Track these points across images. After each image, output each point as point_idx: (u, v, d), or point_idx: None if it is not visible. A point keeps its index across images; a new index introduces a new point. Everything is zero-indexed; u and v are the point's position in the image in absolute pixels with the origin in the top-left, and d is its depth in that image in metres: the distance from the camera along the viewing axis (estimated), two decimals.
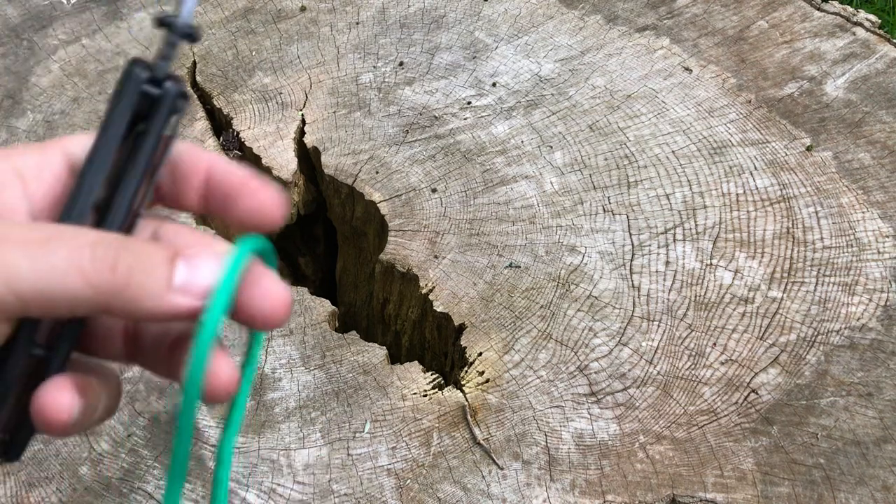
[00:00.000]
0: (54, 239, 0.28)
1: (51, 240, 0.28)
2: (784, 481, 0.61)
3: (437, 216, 0.77)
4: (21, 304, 0.27)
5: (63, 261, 0.27)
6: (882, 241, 0.73)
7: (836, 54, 0.87)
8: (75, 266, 0.27)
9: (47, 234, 0.28)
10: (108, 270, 0.28)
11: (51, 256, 0.27)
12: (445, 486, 0.62)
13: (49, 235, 0.28)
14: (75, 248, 0.28)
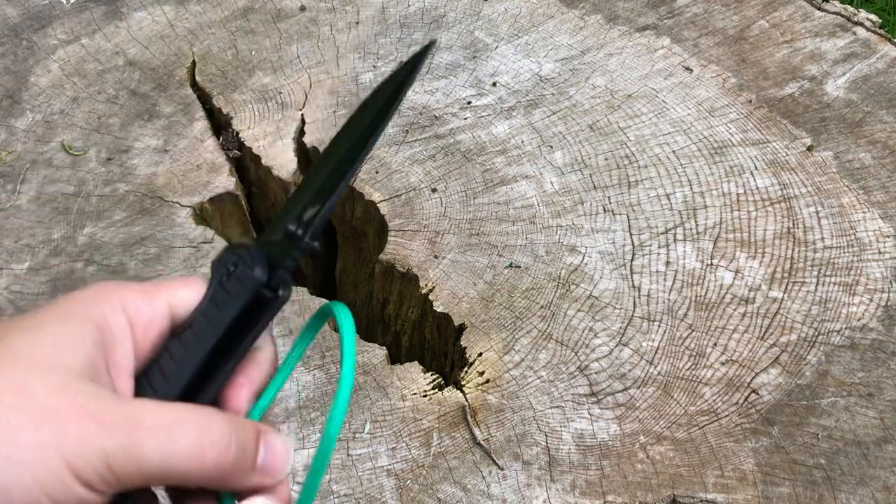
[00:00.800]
0: (178, 427, 0.31)
1: (175, 427, 0.31)
2: (785, 482, 0.61)
3: (437, 216, 0.77)
4: (141, 482, 0.30)
5: (187, 448, 0.31)
6: (883, 241, 0.73)
7: (837, 54, 0.87)
8: (197, 453, 0.31)
9: (170, 420, 0.31)
10: (222, 457, 0.32)
11: (176, 444, 0.31)
12: (445, 487, 0.62)
13: (172, 422, 0.31)
14: (197, 436, 0.31)
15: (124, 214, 0.78)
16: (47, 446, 0.28)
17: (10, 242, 0.77)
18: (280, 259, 0.36)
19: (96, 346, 0.32)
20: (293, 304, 0.72)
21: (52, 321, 0.32)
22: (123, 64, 0.91)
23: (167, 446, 0.30)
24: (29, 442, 0.28)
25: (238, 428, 0.33)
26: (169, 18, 0.95)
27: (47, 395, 0.29)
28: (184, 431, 0.31)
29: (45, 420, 0.29)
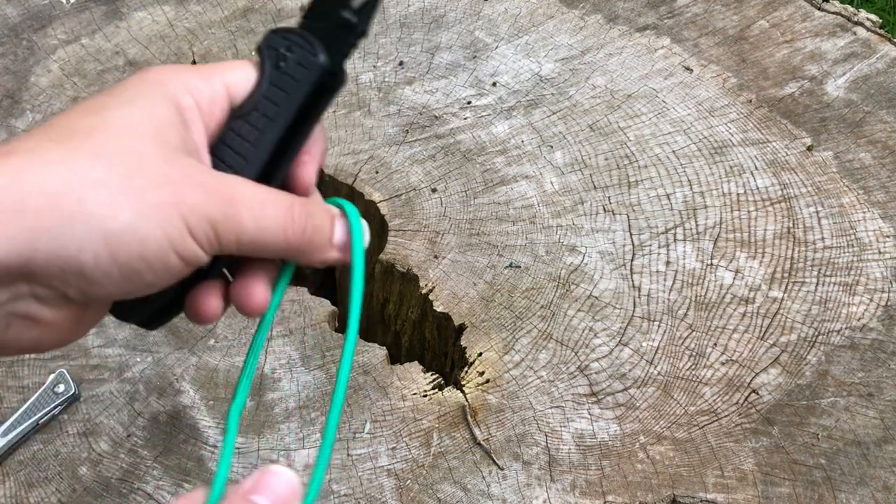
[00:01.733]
0: (269, 204, 0.35)
1: (267, 204, 0.35)
2: (785, 482, 0.61)
3: (437, 216, 0.77)
4: (236, 249, 0.35)
5: (274, 222, 0.35)
6: (883, 241, 0.73)
7: (837, 54, 0.87)
8: (281, 227, 0.35)
9: (262, 197, 0.35)
10: (301, 232, 0.36)
11: (267, 220, 0.35)
12: (445, 487, 0.62)
13: (264, 199, 0.35)
14: (282, 212, 0.35)
15: None
16: (171, 206, 0.32)
17: None
18: (338, 45, 0.37)
19: (183, 125, 0.35)
20: (293, 304, 0.72)
21: (143, 99, 0.35)
22: (123, 64, 0.91)
23: (260, 220, 0.34)
24: (155, 201, 0.32)
25: (315, 210, 0.38)
26: (169, 18, 0.95)
27: (162, 163, 0.33)
28: (273, 208, 0.35)
29: (164, 184, 0.32)
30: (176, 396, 0.67)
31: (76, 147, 0.32)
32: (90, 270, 0.31)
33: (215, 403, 0.66)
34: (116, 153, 0.32)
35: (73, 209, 0.30)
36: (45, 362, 0.69)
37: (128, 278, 0.32)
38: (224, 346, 0.69)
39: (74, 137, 0.32)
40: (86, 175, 0.31)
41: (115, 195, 0.31)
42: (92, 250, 0.31)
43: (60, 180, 0.30)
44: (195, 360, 0.69)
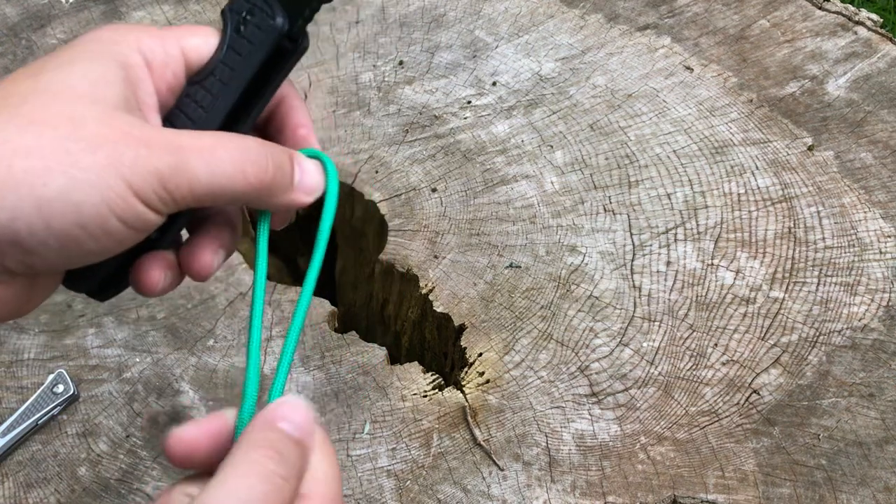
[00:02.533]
0: (219, 147, 0.33)
1: (217, 147, 0.33)
2: (786, 482, 0.61)
3: (437, 216, 0.76)
4: (193, 201, 0.33)
5: (230, 164, 0.33)
6: (884, 241, 0.73)
7: (838, 53, 0.87)
8: (239, 167, 0.33)
9: (211, 142, 0.33)
10: (262, 173, 0.34)
11: (220, 162, 0.33)
12: (445, 488, 0.61)
13: (213, 143, 0.33)
14: (237, 152, 0.34)
15: None
16: (107, 168, 0.30)
17: None
18: (298, 8, 0.36)
19: (126, 83, 0.34)
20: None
21: (82, 59, 0.34)
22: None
23: (213, 164, 0.33)
24: (89, 164, 0.30)
25: (273, 149, 0.36)
26: (168, 18, 0.95)
27: (97, 124, 0.31)
28: (225, 150, 0.33)
29: (99, 145, 0.31)
30: (175, 397, 0.67)
31: (9, 113, 0.31)
32: (25, 240, 0.30)
33: (215, 404, 0.66)
34: (50, 117, 0.31)
35: (2, 177, 0.29)
36: (44, 363, 0.68)
37: (66, 247, 0.31)
38: (224, 347, 0.69)
39: (8, 103, 0.31)
40: (16, 142, 0.30)
41: (47, 160, 0.30)
42: (25, 219, 0.30)
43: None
44: (194, 360, 0.68)
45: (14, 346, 0.69)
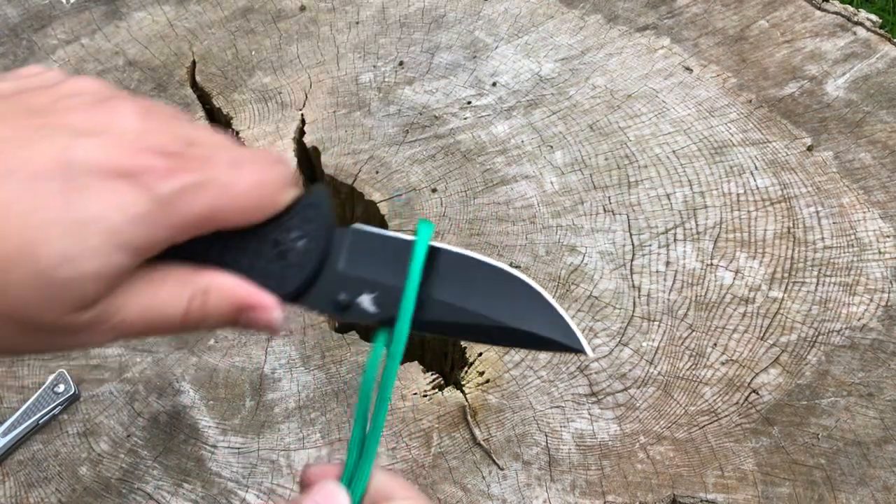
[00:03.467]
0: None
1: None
2: (785, 482, 0.61)
3: (437, 216, 0.77)
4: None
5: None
6: (883, 241, 0.73)
7: (837, 54, 0.87)
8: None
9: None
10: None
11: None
12: (445, 487, 0.62)
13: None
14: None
15: None
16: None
17: None
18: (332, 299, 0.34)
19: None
20: None
21: None
22: (123, 64, 0.91)
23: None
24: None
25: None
26: (169, 18, 0.95)
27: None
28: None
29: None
30: (176, 396, 0.67)
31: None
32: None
33: (215, 403, 0.66)
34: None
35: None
36: (45, 362, 0.69)
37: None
38: (224, 347, 0.69)
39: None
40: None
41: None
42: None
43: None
44: (195, 360, 0.68)
45: None
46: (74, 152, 0.28)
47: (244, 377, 0.68)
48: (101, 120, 0.30)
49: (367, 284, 0.34)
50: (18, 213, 0.27)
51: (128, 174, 0.29)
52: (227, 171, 0.31)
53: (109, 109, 0.30)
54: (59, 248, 0.27)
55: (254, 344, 0.69)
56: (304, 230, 0.33)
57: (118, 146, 0.29)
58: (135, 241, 0.29)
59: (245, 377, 0.68)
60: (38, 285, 0.28)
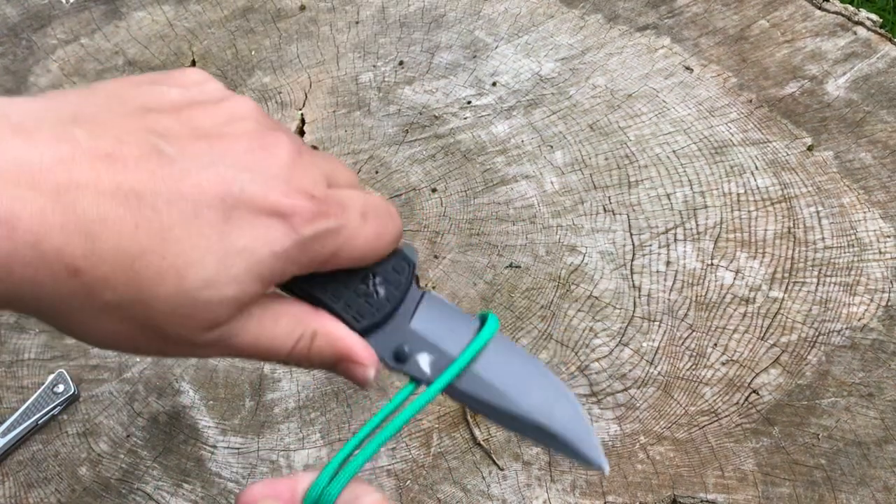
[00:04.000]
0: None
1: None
2: (785, 482, 0.61)
3: (437, 216, 0.76)
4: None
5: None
6: (883, 241, 0.73)
7: (838, 54, 0.87)
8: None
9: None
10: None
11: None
12: (445, 487, 0.62)
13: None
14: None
15: None
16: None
17: None
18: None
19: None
20: None
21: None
22: (123, 63, 0.91)
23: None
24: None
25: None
26: (168, 18, 0.95)
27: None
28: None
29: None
30: (175, 397, 0.67)
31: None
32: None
33: (215, 404, 0.66)
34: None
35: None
36: (44, 363, 0.68)
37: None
38: None
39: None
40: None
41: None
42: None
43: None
44: (194, 360, 0.68)
45: (14, 346, 0.69)
46: (236, 186, 0.31)
47: (244, 377, 0.68)
48: (261, 155, 0.32)
49: (428, 346, 0.37)
50: (178, 237, 0.29)
51: (278, 213, 0.31)
52: (358, 220, 0.35)
53: (269, 144, 0.33)
54: (206, 274, 0.30)
55: None
56: (391, 279, 0.37)
57: (274, 185, 0.32)
58: (271, 275, 0.32)
59: (245, 377, 0.68)
60: (180, 303, 0.30)
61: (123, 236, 0.29)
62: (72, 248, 0.28)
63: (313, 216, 0.32)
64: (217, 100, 0.34)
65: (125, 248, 0.29)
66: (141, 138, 0.30)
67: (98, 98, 0.31)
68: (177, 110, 0.33)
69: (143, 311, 0.30)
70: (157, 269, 0.29)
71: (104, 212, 0.28)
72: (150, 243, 0.29)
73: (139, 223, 0.29)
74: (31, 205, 0.27)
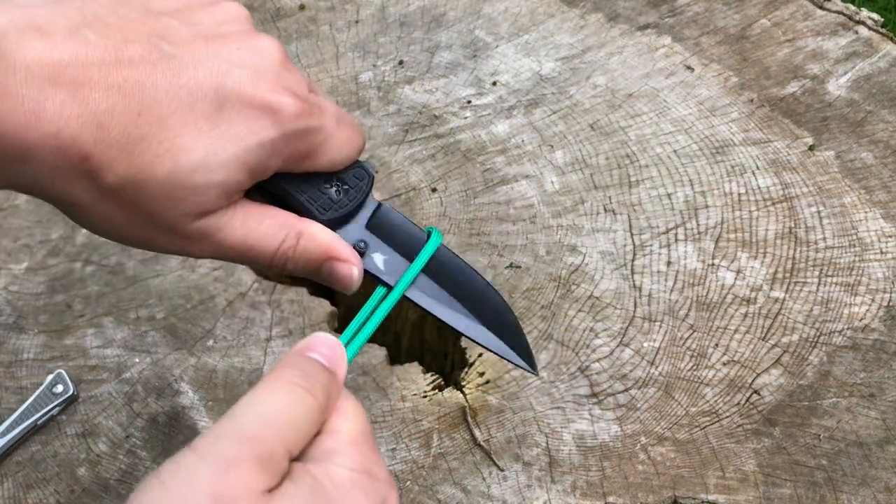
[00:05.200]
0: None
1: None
2: (786, 483, 0.61)
3: (437, 216, 0.76)
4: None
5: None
6: (885, 241, 0.73)
7: (839, 53, 0.87)
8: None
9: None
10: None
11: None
12: (445, 488, 0.61)
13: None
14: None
15: None
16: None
17: (9, 242, 0.76)
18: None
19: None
20: (293, 305, 0.71)
21: None
22: None
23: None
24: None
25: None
26: None
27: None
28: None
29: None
30: (175, 397, 0.66)
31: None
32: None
33: (214, 404, 0.66)
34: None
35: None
36: (43, 363, 0.68)
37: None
38: (223, 347, 0.69)
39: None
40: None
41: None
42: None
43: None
44: (194, 360, 0.68)
45: (13, 347, 0.69)
46: (230, 81, 0.34)
47: (243, 378, 0.67)
48: (252, 53, 0.36)
49: (382, 248, 0.43)
50: (174, 124, 0.33)
51: (267, 107, 0.35)
52: (333, 124, 0.38)
53: (261, 46, 0.36)
54: (197, 158, 0.33)
55: (253, 344, 0.69)
56: (352, 185, 0.42)
57: (264, 82, 0.35)
58: (256, 164, 0.35)
59: (244, 378, 0.67)
60: (172, 185, 0.33)
61: (128, 124, 0.32)
62: (85, 136, 0.31)
63: (298, 113, 0.36)
64: (211, 2, 0.38)
65: (129, 134, 0.32)
66: (144, 37, 0.33)
67: (104, 1, 0.35)
68: (176, 11, 0.36)
69: (139, 193, 0.33)
70: (155, 153, 0.33)
71: (112, 104, 0.32)
72: (150, 130, 0.32)
73: (141, 112, 0.32)
74: (53, 99, 0.31)
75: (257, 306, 0.71)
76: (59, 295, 0.72)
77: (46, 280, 0.73)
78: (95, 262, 0.74)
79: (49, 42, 0.31)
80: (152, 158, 0.33)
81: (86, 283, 0.73)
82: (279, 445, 0.30)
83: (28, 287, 0.73)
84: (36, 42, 0.31)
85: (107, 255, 0.75)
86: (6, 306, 0.72)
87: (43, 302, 0.72)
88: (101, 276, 0.73)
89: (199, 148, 0.33)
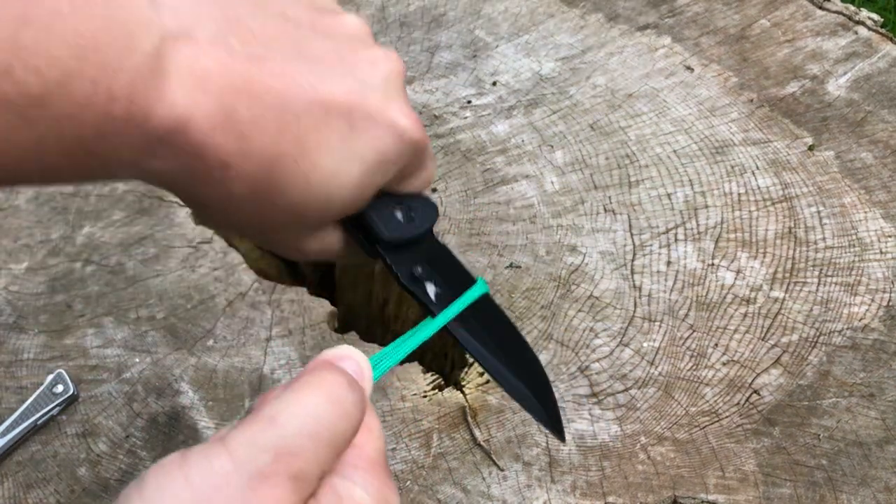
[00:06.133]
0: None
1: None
2: (786, 482, 0.61)
3: None
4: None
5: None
6: (884, 241, 0.73)
7: (839, 53, 0.87)
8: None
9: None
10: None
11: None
12: (445, 488, 0.61)
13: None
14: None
15: (123, 214, 0.78)
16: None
17: (9, 242, 0.76)
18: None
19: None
20: (293, 304, 0.71)
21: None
22: None
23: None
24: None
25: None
26: None
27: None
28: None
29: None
30: (175, 397, 0.66)
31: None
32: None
33: (214, 404, 0.66)
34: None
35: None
36: (43, 363, 0.68)
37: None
38: (223, 347, 0.69)
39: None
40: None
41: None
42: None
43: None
44: (194, 360, 0.68)
45: (13, 347, 0.69)
46: (362, 98, 0.35)
47: (243, 378, 0.67)
48: (381, 71, 0.36)
49: (435, 280, 0.43)
50: (310, 142, 0.34)
51: (392, 127, 0.36)
52: (432, 153, 0.40)
53: (386, 62, 0.37)
54: (332, 167, 0.34)
55: (253, 344, 0.69)
56: (417, 213, 0.43)
57: (392, 101, 0.36)
58: (375, 182, 0.37)
59: (244, 378, 0.67)
60: (299, 203, 0.35)
61: (268, 139, 0.32)
62: (228, 146, 0.32)
63: (419, 135, 0.37)
64: (337, 13, 0.38)
65: (268, 150, 0.33)
66: (286, 48, 0.34)
67: (243, 2, 0.35)
68: (309, 20, 0.36)
69: (266, 205, 0.34)
70: (291, 172, 0.33)
71: (255, 115, 0.32)
72: (287, 148, 0.33)
73: (281, 128, 0.33)
74: (202, 107, 0.31)
75: (257, 306, 0.71)
76: (60, 295, 0.72)
77: (47, 280, 0.73)
78: (95, 262, 0.74)
79: (197, 48, 0.31)
80: (289, 177, 0.33)
81: (86, 283, 0.73)
82: (316, 467, 0.29)
83: (28, 287, 0.73)
84: (184, 47, 0.30)
85: (107, 256, 0.75)
86: (6, 306, 0.72)
87: (43, 302, 0.72)
88: (102, 276, 0.73)
89: (330, 168, 0.34)
